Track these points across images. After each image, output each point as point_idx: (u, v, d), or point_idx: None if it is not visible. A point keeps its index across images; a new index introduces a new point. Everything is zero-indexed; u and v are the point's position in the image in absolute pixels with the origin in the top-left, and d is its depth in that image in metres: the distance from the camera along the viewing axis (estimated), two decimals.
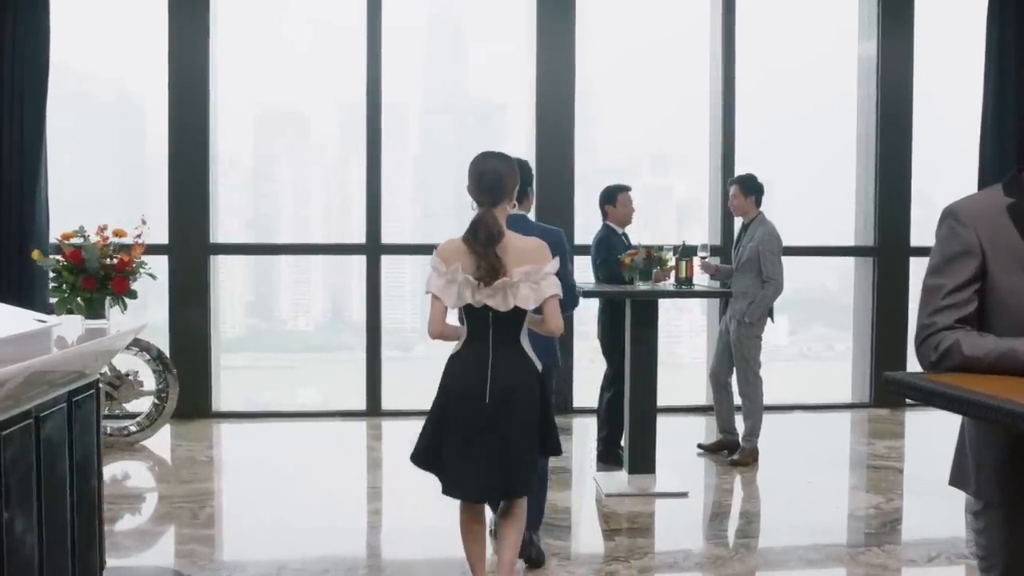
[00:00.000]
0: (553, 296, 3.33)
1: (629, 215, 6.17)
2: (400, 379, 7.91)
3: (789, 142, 9.55)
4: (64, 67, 7.75)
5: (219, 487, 5.76)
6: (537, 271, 3.31)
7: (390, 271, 8.05)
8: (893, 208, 8.31)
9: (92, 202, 8.67)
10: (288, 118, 9.26)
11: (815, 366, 10.19)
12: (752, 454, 6.21)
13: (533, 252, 3.36)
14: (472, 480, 3.41)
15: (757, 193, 6.25)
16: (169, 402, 6.82)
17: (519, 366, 3.40)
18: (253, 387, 9.08)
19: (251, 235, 9.10)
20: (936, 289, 2.18)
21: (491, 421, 3.35)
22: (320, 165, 9.51)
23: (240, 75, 8.21)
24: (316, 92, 8.79)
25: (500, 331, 3.39)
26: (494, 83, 9.37)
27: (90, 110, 8.83)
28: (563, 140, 7.89)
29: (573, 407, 7.94)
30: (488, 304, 3.34)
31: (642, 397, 5.54)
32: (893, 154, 8.28)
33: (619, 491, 5.50)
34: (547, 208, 7.71)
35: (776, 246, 6.11)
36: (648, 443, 5.57)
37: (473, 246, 3.33)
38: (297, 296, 9.44)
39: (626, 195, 6.16)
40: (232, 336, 8.89)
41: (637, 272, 5.62)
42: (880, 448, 6.77)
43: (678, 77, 9.02)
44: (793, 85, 9.32)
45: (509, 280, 3.31)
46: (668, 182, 9.92)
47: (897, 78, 8.27)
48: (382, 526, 5.16)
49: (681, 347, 9.77)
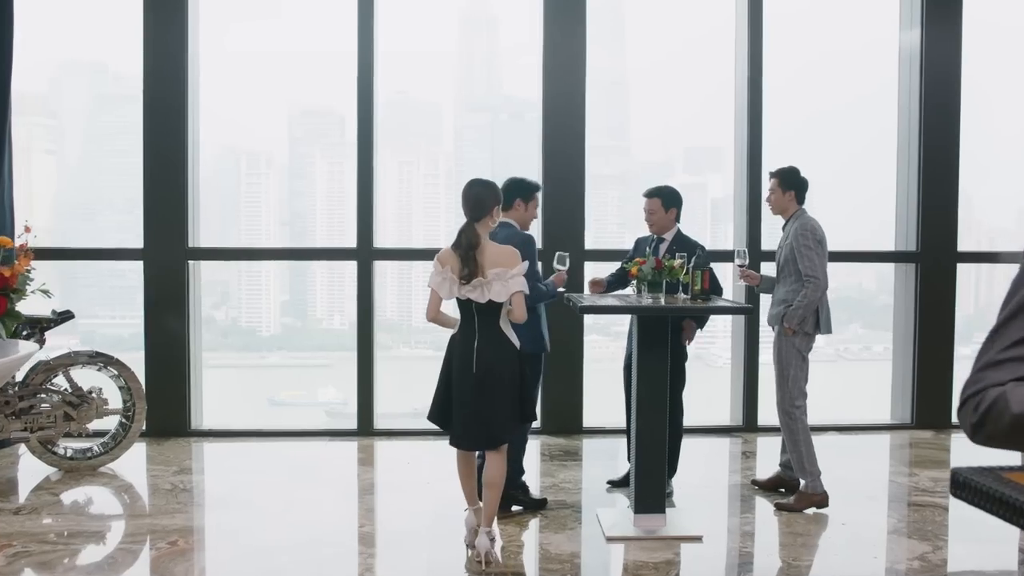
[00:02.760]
0: (518, 292, 4.26)
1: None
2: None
3: (823, 139, 8.88)
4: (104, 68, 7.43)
5: (186, 520, 5.14)
6: (505, 272, 4.24)
7: (423, 274, 7.90)
8: (938, 210, 7.57)
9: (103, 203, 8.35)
10: (322, 117, 8.87)
11: (852, 369, 9.64)
12: (809, 500, 5.27)
13: (504, 257, 4.30)
14: (462, 433, 4.38)
15: (798, 188, 5.43)
16: (136, 422, 6.23)
17: (498, 345, 4.32)
18: (277, 386, 8.99)
19: (285, 235, 8.78)
20: (1001, 334, 1.53)
21: (477, 387, 4.29)
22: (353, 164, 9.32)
23: (245, 74, 7.90)
24: (348, 90, 8.44)
25: (483, 318, 4.33)
26: (527, 80, 8.92)
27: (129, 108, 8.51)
28: (574, 138, 7.22)
29: (583, 427, 7.27)
30: (470, 297, 4.28)
31: (651, 427, 4.85)
32: (939, 152, 7.56)
33: (622, 534, 4.82)
34: (556, 208, 7.10)
35: (812, 239, 5.23)
36: (658, 479, 4.89)
37: (457, 252, 4.32)
38: (332, 295, 9.13)
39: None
40: (267, 335, 8.96)
41: (645, 284, 4.94)
42: (924, 480, 6.02)
43: (708, 69, 8.41)
44: (827, 78, 8.62)
45: (483, 279, 4.25)
46: (702, 180, 9.44)
47: (943, 70, 7.54)
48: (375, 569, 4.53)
49: (716, 347, 9.08)
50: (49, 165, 8.30)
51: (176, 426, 7.03)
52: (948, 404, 7.59)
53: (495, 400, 4.28)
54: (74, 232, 8.04)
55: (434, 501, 5.48)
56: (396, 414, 8.04)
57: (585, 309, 4.80)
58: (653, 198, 5.55)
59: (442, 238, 8.31)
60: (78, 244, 7.37)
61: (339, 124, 8.68)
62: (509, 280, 4.22)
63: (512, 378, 4.31)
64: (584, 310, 4.80)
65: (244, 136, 8.39)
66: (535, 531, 4.96)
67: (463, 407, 4.33)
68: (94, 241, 7.52)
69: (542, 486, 5.79)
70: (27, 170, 7.88)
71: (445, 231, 8.51)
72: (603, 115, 8.65)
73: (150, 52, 6.95)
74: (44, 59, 7.93)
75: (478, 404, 4.29)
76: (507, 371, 4.30)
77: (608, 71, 8.48)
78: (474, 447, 4.49)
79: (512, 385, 4.32)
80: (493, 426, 4.32)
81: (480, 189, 4.37)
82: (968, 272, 8.51)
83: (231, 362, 8.65)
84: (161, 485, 5.82)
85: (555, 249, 7.12)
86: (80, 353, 6.12)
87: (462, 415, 4.35)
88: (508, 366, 4.31)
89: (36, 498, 5.57)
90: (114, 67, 8.24)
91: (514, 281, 4.23)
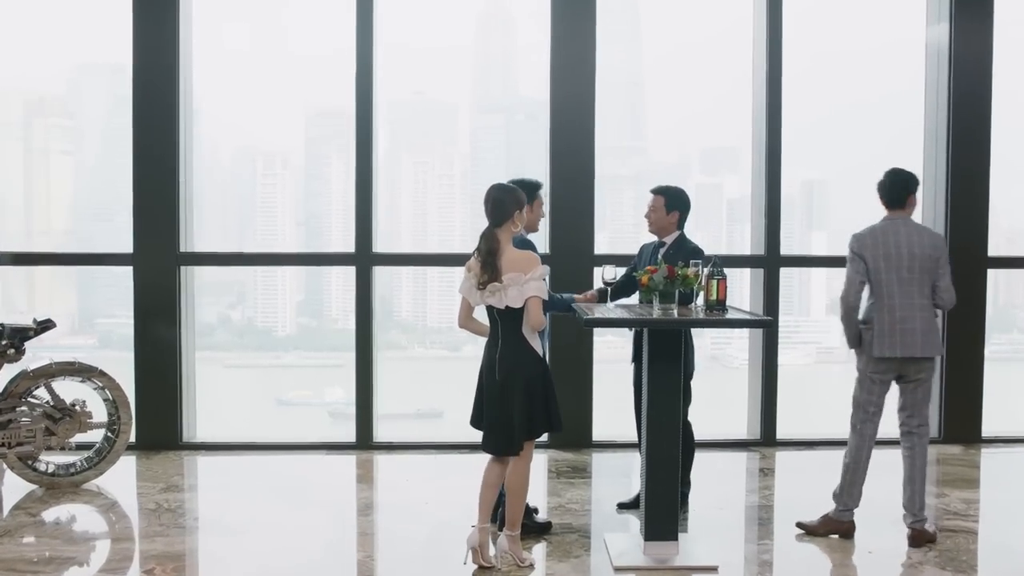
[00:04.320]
0: (532, 297, 4.22)
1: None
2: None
3: (843, 137, 8.52)
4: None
5: (167, 546, 4.83)
6: (520, 278, 4.22)
7: (444, 279, 8.15)
8: (968, 213, 7.18)
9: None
10: (337, 117, 8.68)
11: None
12: (833, 527, 4.90)
13: (520, 262, 4.27)
14: (486, 437, 4.42)
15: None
16: (122, 436, 5.94)
17: (519, 353, 4.30)
18: (289, 386, 8.98)
19: (302, 236, 8.69)
20: None
21: (500, 393, 4.32)
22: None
23: (258, 75, 7.82)
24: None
25: (505, 325, 4.32)
26: (543, 79, 8.78)
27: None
28: (583, 138, 6.88)
29: (593, 440, 6.93)
30: (490, 303, 4.31)
31: (662, 448, 4.51)
32: (968, 153, 7.19)
33: (631, 563, 4.48)
34: (565, 210, 6.79)
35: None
36: (669, 504, 4.55)
37: (478, 257, 4.32)
38: (347, 295, 9.09)
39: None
40: (283, 335, 8.95)
41: (656, 294, 4.59)
42: (955, 502, 5.64)
43: (725, 67, 8.13)
44: (849, 74, 8.27)
45: (499, 284, 4.25)
46: (719, 180, 9.25)
47: (973, 66, 7.18)
48: None
49: (732, 347, 8.82)
50: (67, 166, 8.25)
51: (167, 439, 6.74)
52: (978, 416, 7.22)
53: (514, 407, 4.29)
54: (92, 234, 8.00)
55: (434, 523, 5.16)
56: (399, 415, 8.00)
57: (591, 322, 4.46)
58: (658, 195, 5.21)
59: (457, 240, 8.16)
60: (84, 249, 7.19)
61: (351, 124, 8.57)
62: (523, 286, 4.20)
63: (532, 386, 4.30)
64: (590, 323, 4.46)
65: (260, 138, 8.32)
66: (539, 558, 4.61)
67: (488, 413, 4.38)
68: (111, 244, 7.33)
69: (548, 506, 5.45)
70: (45, 172, 7.88)
71: (460, 233, 8.37)
72: (621, 115, 8.49)
73: (139, 49, 6.68)
74: (62, 61, 7.80)
75: (499, 410, 4.33)
76: (527, 379, 4.29)
77: (624, 70, 8.30)
78: (494, 451, 4.45)
79: (532, 394, 4.30)
80: (511, 432, 4.33)
81: (501, 194, 4.35)
82: (1000, 278, 8.16)
83: (247, 362, 8.67)
84: (146, 504, 5.52)
85: (563, 253, 6.84)
86: (60, 364, 5.83)
87: (487, 420, 4.40)
88: (529, 374, 4.30)
89: (12, 519, 5.26)
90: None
91: (528, 287, 4.20)
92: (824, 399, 10.21)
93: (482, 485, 4.50)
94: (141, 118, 6.71)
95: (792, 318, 9.32)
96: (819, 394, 10.16)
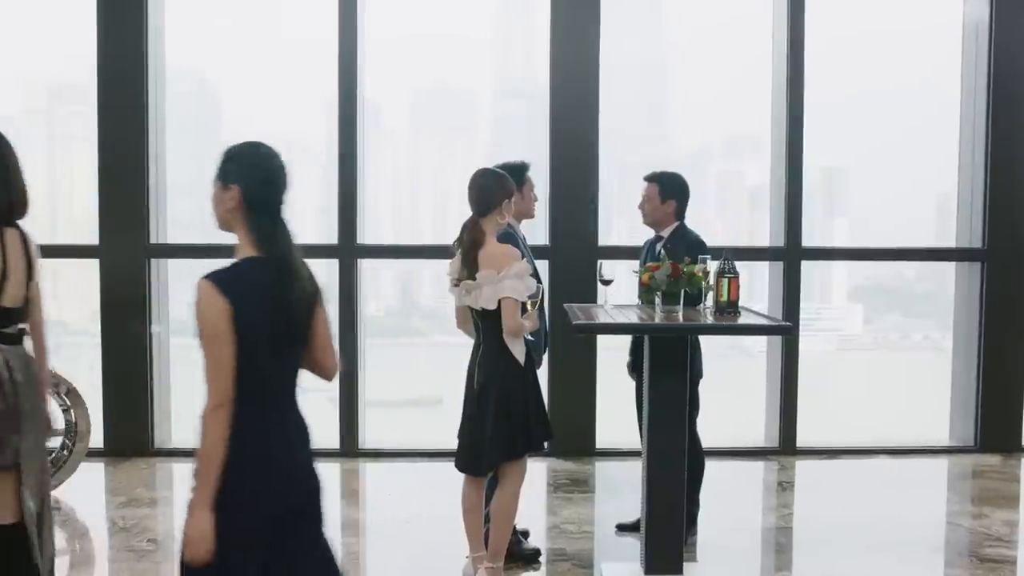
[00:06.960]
0: (506, 298, 3.69)
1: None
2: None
3: (872, 123, 8.01)
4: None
5: (116, 573, 4.34)
6: (493, 276, 3.70)
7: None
8: (1009, 202, 6.59)
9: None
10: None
11: (893, 357, 9.31)
12: None
13: (495, 258, 3.75)
14: (457, 453, 3.95)
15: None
16: (80, 443, 5.46)
17: (497, 360, 3.81)
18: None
19: (322, 225, 8.13)
20: None
21: (474, 406, 3.87)
22: (390, 154, 9.24)
23: (277, 63, 7.61)
24: (386, 78, 7.98)
25: (485, 328, 3.84)
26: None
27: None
28: (586, 124, 6.35)
29: (596, 448, 6.39)
30: (467, 303, 3.83)
31: (665, 472, 3.96)
32: (1008, 138, 6.59)
33: None
34: (564, 199, 6.28)
35: None
36: (673, 534, 4.01)
37: (459, 251, 3.85)
38: (368, 280, 8.82)
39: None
40: None
41: (658, 294, 4.04)
42: (996, 524, 5.04)
43: (746, 52, 7.67)
44: (879, 56, 7.76)
45: (471, 283, 3.75)
46: (740, 167, 8.98)
47: (1016, 47, 6.56)
48: None
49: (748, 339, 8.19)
50: (90, 153, 7.87)
51: (138, 444, 6.27)
52: (1018, 423, 6.63)
53: (486, 422, 3.82)
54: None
55: (423, 543, 4.67)
56: (390, 402, 7.99)
57: (582, 328, 3.91)
58: (651, 183, 4.62)
59: None
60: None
61: (375, 113, 8.17)
62: (497, 284, 3.71)
63: (508, 399, 3.81)
64: (581, 329, 3.90)
65: (280, 125, 7.88)
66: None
67: (461, 425, 3.95)
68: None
69: (542, 528, 4.92)
70: (69, 160, 7.72)
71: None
72: (641, 102, 8.34)
73: (102, 33, 6.21)
74: (84, 48, 7.44)
75: (472, 423, 3.88)
76: (502, 390, 3.81)
77: (644, 56, 8.12)
78: (461, 469, 3.99)
79: (508, 408, 3.81)
80: (480, 450, 3.86)
81: (487, 180, 3.91)
82: None
83: None
84: (98, 522, 5.04)
85: (561, 246, 6.31)
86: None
87: (459, 433, 3.96)
88: (505, 384, 3.81)
89: None
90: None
91: (502, 285, 3.70)
92: (847, 395, 9.67)
93: (463, 511, 4.02)
94: (106, 103, 6.23)
95: (812, 304, 8.82)
96: (841, 389, 9.62)
